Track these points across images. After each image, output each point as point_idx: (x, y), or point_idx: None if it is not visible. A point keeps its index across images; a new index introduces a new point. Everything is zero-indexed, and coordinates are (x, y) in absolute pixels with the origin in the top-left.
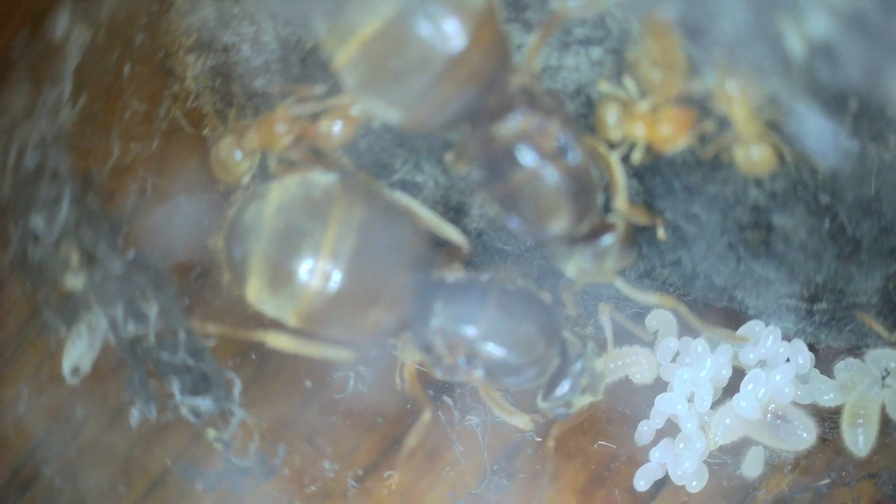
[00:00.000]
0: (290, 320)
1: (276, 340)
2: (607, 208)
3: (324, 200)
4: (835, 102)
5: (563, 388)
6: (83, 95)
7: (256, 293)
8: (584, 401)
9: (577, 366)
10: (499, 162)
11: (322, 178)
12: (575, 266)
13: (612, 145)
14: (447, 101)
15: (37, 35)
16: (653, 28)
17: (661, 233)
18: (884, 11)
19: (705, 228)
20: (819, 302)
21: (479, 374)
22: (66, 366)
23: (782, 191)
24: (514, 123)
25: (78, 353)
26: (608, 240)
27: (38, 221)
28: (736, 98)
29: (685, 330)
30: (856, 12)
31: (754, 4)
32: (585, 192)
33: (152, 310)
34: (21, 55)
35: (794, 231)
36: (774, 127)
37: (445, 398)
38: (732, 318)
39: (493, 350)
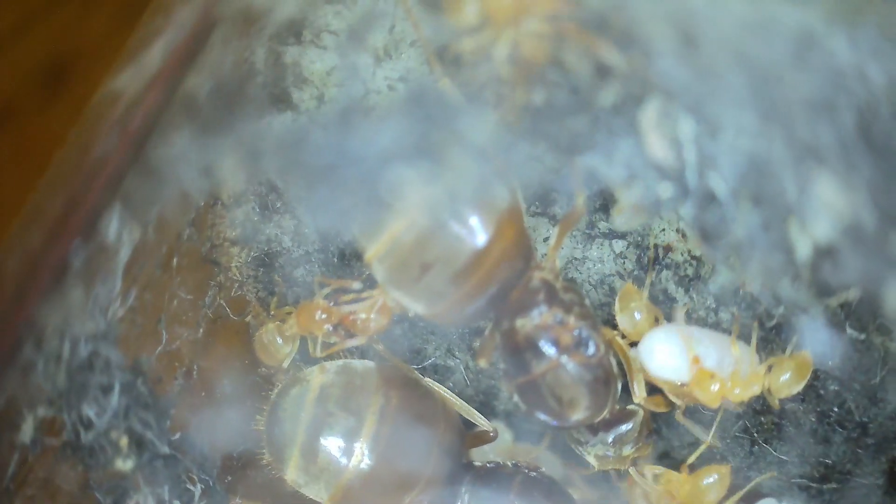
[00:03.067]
0: (326, 503)
1: None
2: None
3: (362, 389)
4: (838, 298)
5: None
6: (133, 289)
7: (295, 476)
8: None
9: None
10: (520, 354)
11: (361, 366)
12: (595, 453)
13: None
14: (469, 297)
15: (90, 240)
16: None
17: (679, 415)
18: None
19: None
20: (829, 482)
21: None
22: None
23: None
24: (535, 317)
25: None
26: (627, 427)
27: (90, 409)
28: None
29: None
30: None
31: (765, 212)
32: (604, 383)
33: (197, 489)
34: (76, 261)
35: (806, 416)
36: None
37: None
38: (748, 495)
39: None
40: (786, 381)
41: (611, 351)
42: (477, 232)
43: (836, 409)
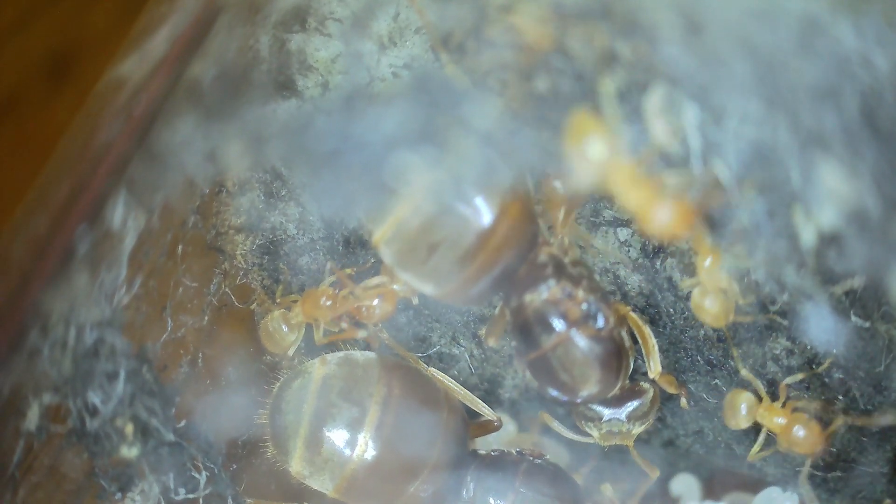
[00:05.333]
0: (330, 494)
1: None
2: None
3: (364, 379)
4: (842, 286)
5: None
6: (138, 276)
7: (299, 469)
8: None
9: None
10: (530, 329)
11: (362, 357)
12: (607, 429)
13: None
14: (477, 276)
15: (95, 226)
16: None
17: (683, 402)
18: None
19: None
20: (833, 470)
21: None
22: None
23: (798, 366)
24: (544, 292)
25: None
26: (639, 403)
27: (95, 396)
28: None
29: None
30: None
31: (770, 199)
32: (614, 356)
33: (202, 476)
34: (81, 247)
35: (811, 404)
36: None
37: None
38: (752, 483)
39: None
40: (706, 307)
41: (624, 325)
42: (482, 211)
43: (840, 397)
